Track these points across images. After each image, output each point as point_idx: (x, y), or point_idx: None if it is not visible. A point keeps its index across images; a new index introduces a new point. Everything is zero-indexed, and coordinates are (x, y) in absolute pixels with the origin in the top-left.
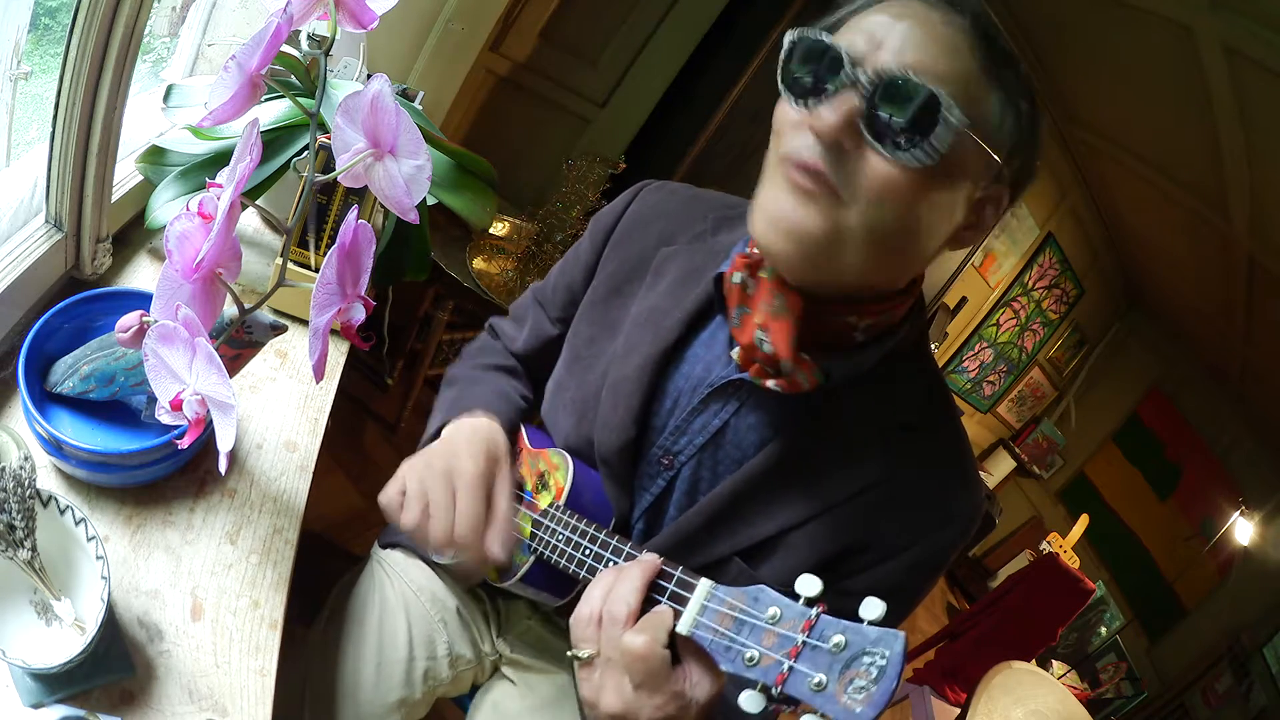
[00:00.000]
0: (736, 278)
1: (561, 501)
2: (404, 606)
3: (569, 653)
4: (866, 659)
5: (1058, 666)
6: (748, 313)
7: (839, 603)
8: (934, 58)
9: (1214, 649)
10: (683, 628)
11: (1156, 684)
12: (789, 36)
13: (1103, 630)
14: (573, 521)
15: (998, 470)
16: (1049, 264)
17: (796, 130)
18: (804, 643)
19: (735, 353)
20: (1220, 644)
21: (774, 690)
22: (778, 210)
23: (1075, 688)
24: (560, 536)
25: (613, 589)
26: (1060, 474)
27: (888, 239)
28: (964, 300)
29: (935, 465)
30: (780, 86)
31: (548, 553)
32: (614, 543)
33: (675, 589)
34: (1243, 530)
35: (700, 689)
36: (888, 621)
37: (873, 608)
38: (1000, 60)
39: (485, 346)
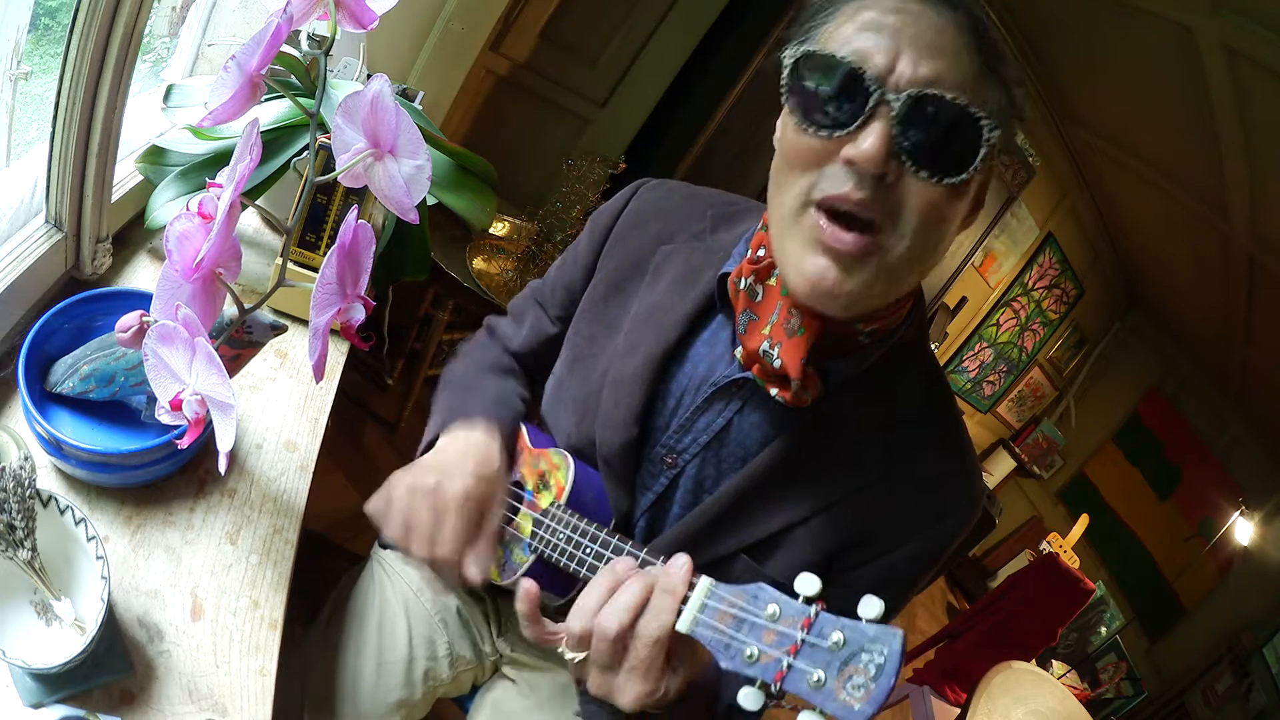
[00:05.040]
0: (743, 283)
1: (562, 501)
2: (404, 607)
3: (560, 650)
4: (865, 656)
5: (1058, 666)
6: (755, 319)
7: (842, 594)
8: (949, 65)
9: (1214, 649)
10: (683, 626)
11: (1156, 684)
12: (790, 53)
13: (1103, 630)
14: (574, 521)
15: (998, 470)
16: (1049, 264)
17: (822, 162)
18: (803, 640)
19: (739, 352)
20: (1220, 644)
21: (773, 687)
22: (818, 275)
23: (1075, 688)
24: (561, 535)
25: (612, 604)
26: (1060, 474)
27: (926, 257)
28: (964, 300)
29: (935, 459)
30: (790, 113)
31: (549, 551)
32: (615, 541)
33: None
34: (1243, 530)
35: (680, 674)
36: (887, 611)
37: (871, 606)
38: (993, 49)
39: (482, 345)
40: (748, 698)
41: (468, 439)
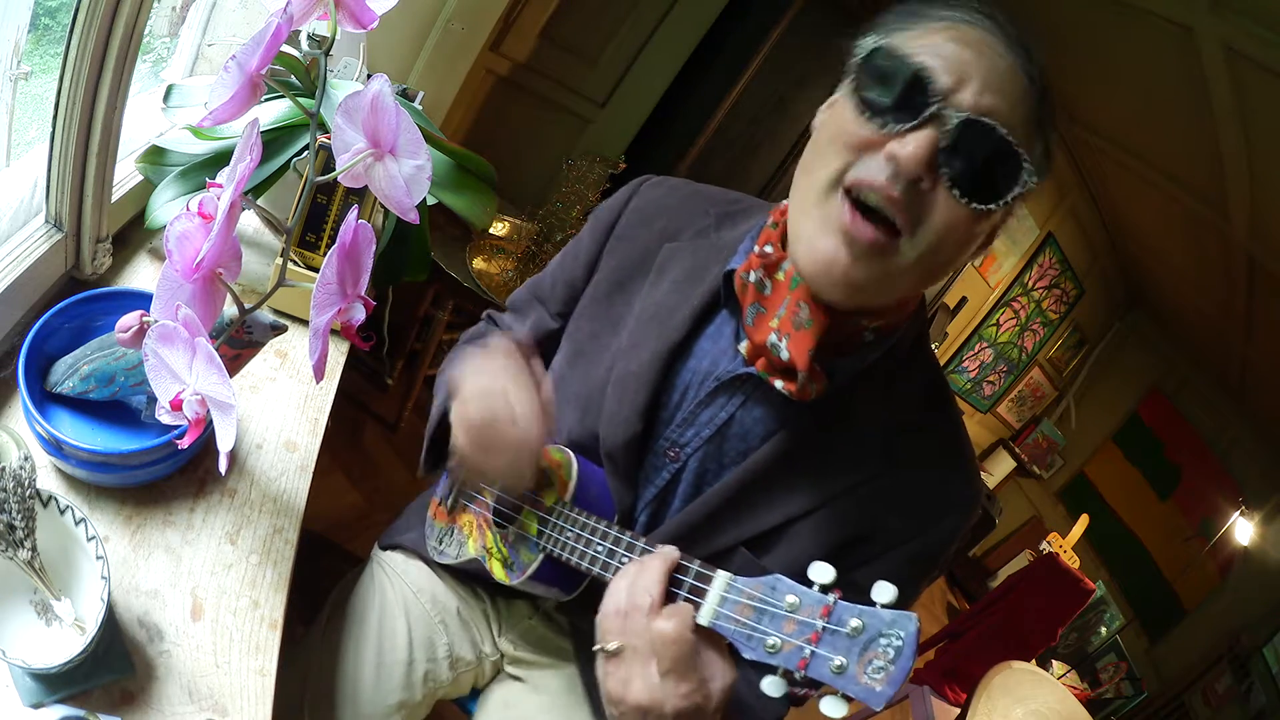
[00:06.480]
0: (751, 276)
1: (567, 498)
2: (404, 608)
3: (595, 647)
4: (883, 640)
5: (1058, 666)
6: (763, 312)
7: (844, 593)
8: (1009, 106)
9: (1214, 649)
10: (703, 619)
11: (1156, 684)
12: (870, 41)
13: (1103, 630)
14: (581, 518)
15: (998, 470)
16: (1049, 264)
17: (865, 150)
18: (824, 628)
19: (743, 346)
20: (1220, 644)
21: (796, 674)
22: (830, 257)
23: (1075, 688)
24: (569, 534)
25: (635, 581)
26: (1060, 474)
27: (934, 271)
28: (964, 300)
29: (934, 458)
30: (849, 94)
31: (557, 550)
32: (626, 538)
33: (693, 581)
34: (1243, 530)
35: (718, 681)
36: (895, 607)
37: (885, 591)
38: (1048, 106)
39: (483, 332)
40: (771, 685)
41: (466, 399)
